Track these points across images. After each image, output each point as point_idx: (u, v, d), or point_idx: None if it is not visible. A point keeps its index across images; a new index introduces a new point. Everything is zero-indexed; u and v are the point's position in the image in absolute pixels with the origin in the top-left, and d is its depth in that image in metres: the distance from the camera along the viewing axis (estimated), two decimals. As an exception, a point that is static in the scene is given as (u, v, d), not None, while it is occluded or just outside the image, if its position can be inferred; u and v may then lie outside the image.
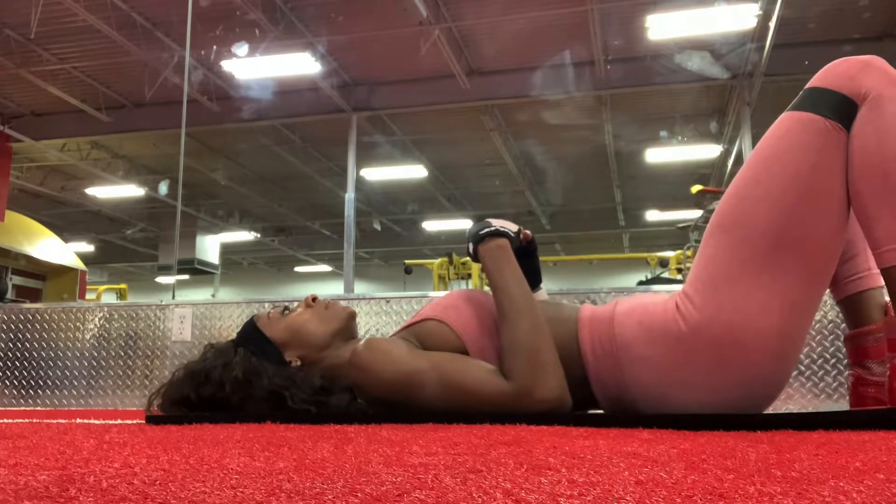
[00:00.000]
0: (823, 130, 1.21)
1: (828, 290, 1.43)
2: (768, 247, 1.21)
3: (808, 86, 1.27)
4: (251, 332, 1.47)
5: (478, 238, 1.42)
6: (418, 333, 1.40)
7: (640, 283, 8.58)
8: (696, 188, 7.88)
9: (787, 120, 1.26)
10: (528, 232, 1.48)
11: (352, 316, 1.50)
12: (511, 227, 1.45)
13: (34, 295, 9.92)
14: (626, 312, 1.33)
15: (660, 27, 7.28)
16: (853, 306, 1.40)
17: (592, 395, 1.35)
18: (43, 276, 10.34)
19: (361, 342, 1.40)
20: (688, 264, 8.54)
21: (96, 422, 1.59)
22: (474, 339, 1.37)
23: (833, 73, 1.25)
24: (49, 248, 10.15)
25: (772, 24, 6.89)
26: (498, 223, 1.44)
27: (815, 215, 1.21)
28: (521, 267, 1.40)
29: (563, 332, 1.34)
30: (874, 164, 1.18)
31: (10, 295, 8.97)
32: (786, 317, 1.22)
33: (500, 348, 1.34)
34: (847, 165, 1.21)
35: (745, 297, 1.21)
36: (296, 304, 1.54)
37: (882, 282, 1.25)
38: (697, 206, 10.21)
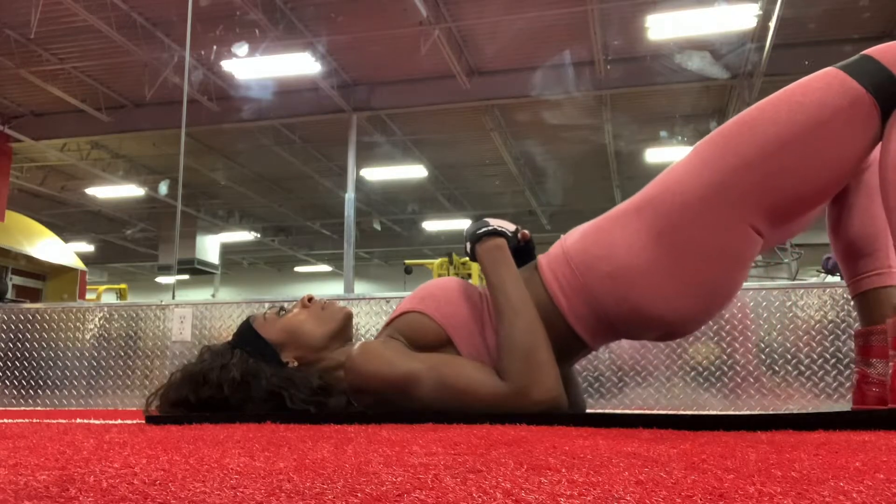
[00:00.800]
0: (859, 102, 1.21)
1: (823, 292, 1.44)
2: (744, 175, 1.24)
3: (866, 52, 1.25)
4: (248, 334, 1.47)
5: (475, 237, 1.42)
6: (400, 328, 1.40)
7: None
8: None
9: (830, 76, 1.24)
10: (525, 231, 1.48)
11: (348, 316, 1.50)
12: (509, 226, 1.45)
13: (34, 295, 9.92)
14: (576, 240, 1.37)
15: (660, 27, 7.29)
16: (868, 303, 1.39)
17: (577, 336, 1.37)
18: (43, 276, 10.34)
19: (356, 346, 1.40)
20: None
21: (96, 422, 1.59)
22: (455, 325, 1.37)
23: (893, 51, 1.23)
24: (49, 248, 10.15)
25: (772, 24, 6.90)
26: (496, 223, 1.44)
27: (801, 170, 1.22)
28: (519, 266, 1.40)
29: (533, 288, 1.36)
30: None
31: (10, 295, 8.97)
32: (740, 233, 1.25)
33: (483, 332, 1.36)
34: (882, 152, 1.21)
35: (713, 209, 1.25)
36: (292, 304, 1.54)
37: None
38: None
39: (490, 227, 1.43)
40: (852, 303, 1.49)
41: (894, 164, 1.18)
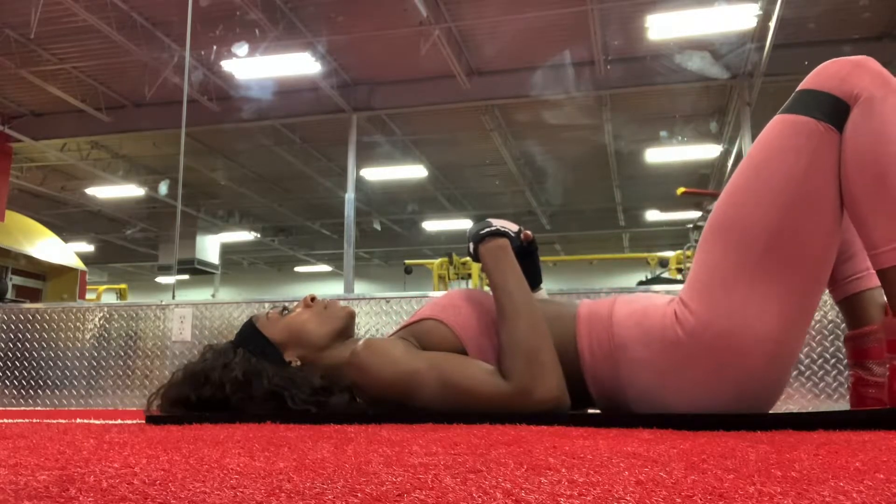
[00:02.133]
0: (816, 132, 1.21)
1: (827, 290, 1.44)
2: (762, 251, 1.21)
3: (799, 88, 1.27)
4: (250, 333, 1.47)
5: (478, 238, 1.42)
6: (417, 333, 1.40)
7: (640, 283, 8.57)
8: (680, 190, 7.91)
9: (778, 123, 1.26)
10: (528, 232, 1.48)
11: (351, 316, 1.50)
12: (511, 226, 1.45)
13: (34, 295, 9.91)
14: (625, 314, 1.33)
15: (660, 27, 7.28)
16: (853, 307, 1.40)
17: (588, 394, 1.35)
18: (43, 276, 10.34)
19: (360, 342, 1.40)
20: (687, 264, 8.55)
21: (96, 422, 1.59)
22: (473, 339, 1.37)
23: (824, 75, 1.24)
24: (49, 248, 10.14)
25: (772, 24, 6.89)
26: (498, 223, 1.44)
27: (809, 217, 1.21)
28: (522, 267, 1.40)
29: (562, 330, 1.34)
30: (868, 165, 1.18)
31: (10, 295, 8.97)
32: (782, 321, 1.21)
33: (498, 348, 1.35)
34: (840, 167, 1.21)
35: (741, 301, 1.21)
36: (294, 304, 1.54)
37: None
38: (697, 205, 10.22)
39: (493, 228, 1.42)
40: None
41: (853, 176, 1.19)
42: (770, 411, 1.33)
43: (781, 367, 1.26)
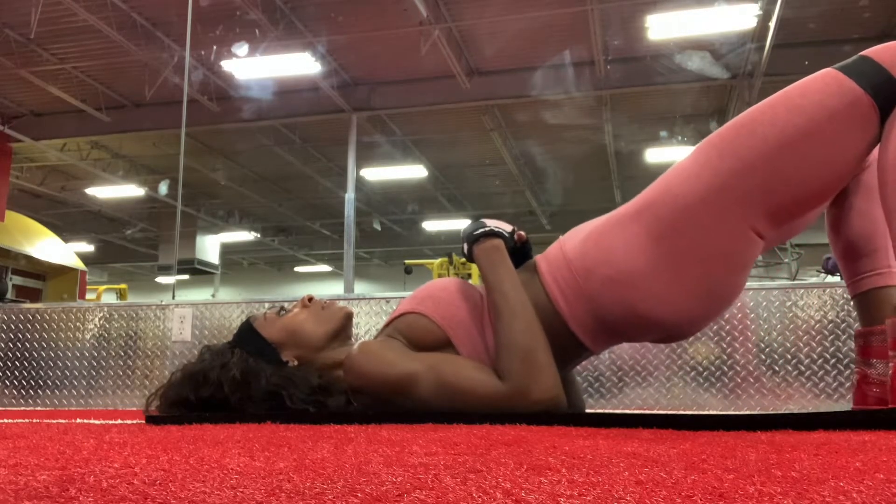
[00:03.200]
0: (857, 103, 1.20)
1: (823, 292, 1.43)
2: (744, 178, 1.24)
3: (864, 53, 1.25)
4: (248, 333, 1.47)
5: (473, 238, 1.43)
6: (401, 328, 1.40)
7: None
8: None
9: (829, 77, 1.24)
10: (522, 233, 1.48)
11: (348, 316, 1.50)
12: (505, 227, 1.46)
13: (34, 295, 9.91)
14: (576, 244, 1.36)
15: (660, 27, 7.28)
16: (867, 303, 1.39)
17: (578, 340, 1.37)
18: (43, 276, 10.34)
19: (355, 346, 1.40)
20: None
21: (96, 422, 1.59)
22: (455, 326, 1.37)
23: (891, 52, 1.22)
24: (49, 248, 10.15)
25: (772, 24, 6.90)
26: (492, 223, 1.44)
27: (801, 172, 1.22)
28: (516, 267, 1.40)
29: (532, 292, 1.36)
30: None
31: (10, 295, 8.97)
32: (740, 236, 1.25)
33: (483, 332, 1.36)
34: (880, 153, 1.21)
35: (714, 212, 1.24)
36: (292, 304, 1.54)
37: None
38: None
39: (487, 228, 1.43)
40: (852, 303, 1.49)
41: (893, 164, 1.18)
42: (770, 411, 1.33)
43: (741, 260, 1.29)
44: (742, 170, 1.24)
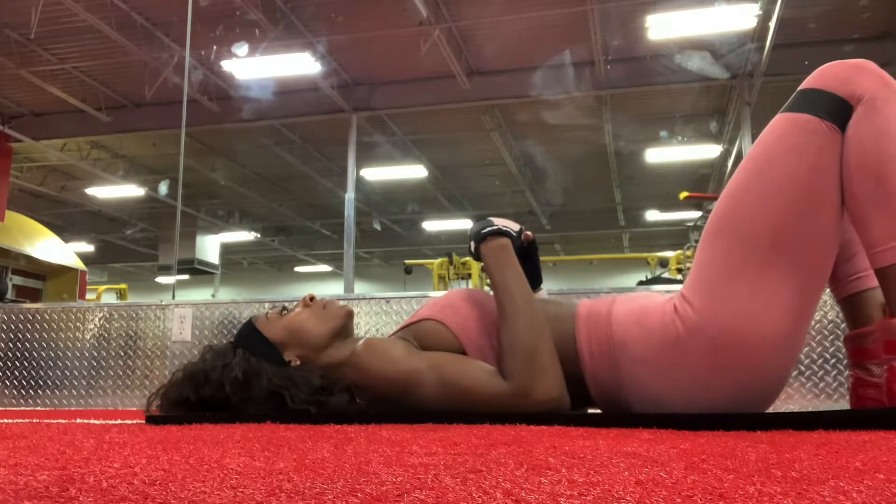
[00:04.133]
0: (819, 131, 1.22)
1: (828, 290, 1.44)
2: (764, 250, 1.22)
3: (801, 87, 1.27)
4: (250, 333, 1.47)
5: (480, 237, 1.42)
6: (416, 333, 1.40)
7: (640, 283, 8.58)
8: (683, 194, 7.91)
9: (781, 121, 1.26)
10: (529, 233, 1.48)
11: (349, 315, 1.50)
12: (513, 226, 1.45)
13: (34, 295, 9.91)
14: (624, 312, 1.33)
15: (660, 27, 7.28)
16: (853, 306, 1.40)
17: (588, 393, 1.36)
18: (43, 276, 10.33)
19: (360, 342, 1.40)
20: (688, 264, 8.55)
21: (96, 422, 1.59)
22: (472, 339, 1.37)
23: (827, 75, 1.25)
24: (49, 248, 10.14)
25: (772, 24, 6.90)
26: (500, 222, 1.44)
27: (810, 216, 1.22)
28: (522, 267, 1.40)
29: (561, 330, 1.35)
30: (870, 165, 1.18)
31: (10, 295, 8.97)
32: (783, 319, 1.22)
33: (498, 348, 1.34)
34: (842, 167, 1.22)
35: (742, 299, 1.21)
36: (294, 303, 1.54)
37: None
38: (697, 206, 10.21)
39: (495, 227, 1.42)
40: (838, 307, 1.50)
41: (855, 176, 1.19)
42: (770, 411, 1.33)
43: (782, 365, 1.26)
44: (751, 241, 1.22)
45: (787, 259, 1.21)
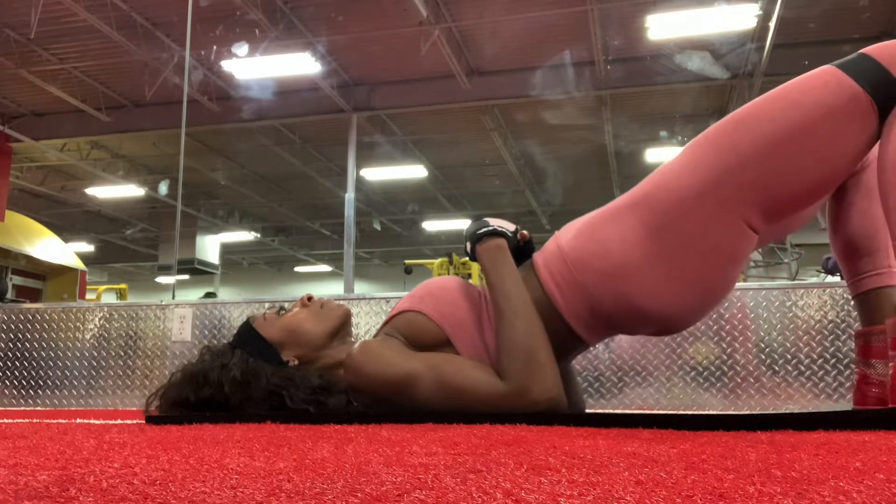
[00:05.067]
0: (856, 101, 1.20)
1: (823, 292, 1.43)
2: (739, 172, 1.23)
3: (865, 50, 1.24)
4: (248, 334, 1.47)
5: (476, 237, 1.43)
6: (399, 327, 1.41)
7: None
8: None
9: (828, 74, 1.24)
10: (525, 232, 1.48)
11: (347, 314, 1.50)
12: (509, 226, 1.45)
13: (34, 295, 9.92)
14: (571, 237, 1.37)
15: (660, 27, 7.29)
16: (868, 303, 1.39)
17: (574, 333, 1.37)
18: (43, 276, 10.34)
19: (356, 345, 1.40)
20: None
21: (96, 422, 1.59)
22: (454, 325, 1.37)
23: (891, 50, 1.22)
24: (49, 248, 10.15)
25: (772, 24, 6.90)
26: (496, 222, 1.44)
27: (797, 168, 1.22)
28: (519, 267, 1.40)
29: (529, 286, 1.36)
30: None
31: (10, 295, 8.97)
32: (735, 230, 1.25)
33: (483, 331, 1.36)
34: (880, 152, 1.21)
35: (709, 206, 1.24)
36: (291, 304, 1.54)
37: None
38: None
39: (490, 227, 1.43)
40: (852, 303, 1.49)
41: (893, 164, 1.17)
42: (770, 411, 1.33)
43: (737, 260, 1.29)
44: (737, 164, 1.24)
45: (754, 184, 1.23)
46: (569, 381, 1.49)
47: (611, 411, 2.04)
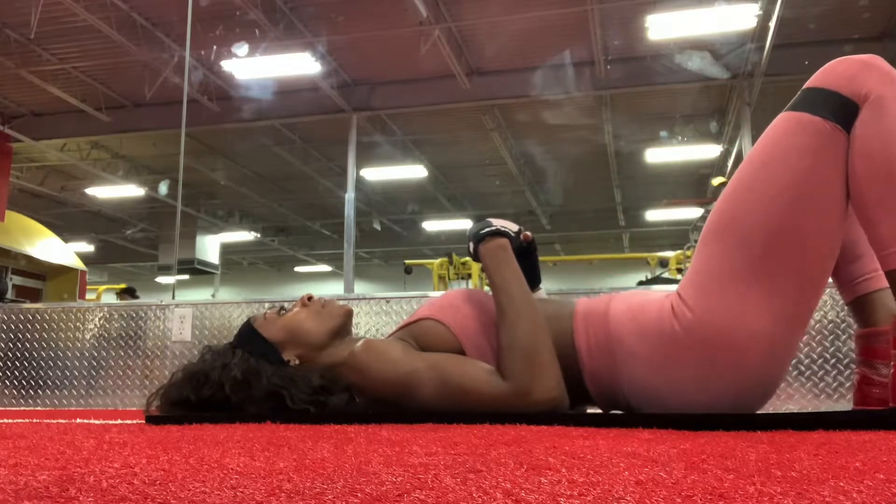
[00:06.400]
0: (822, 132, 1.20)
1: (828, 290, 1.43)
2: (763, 249, 1.21)
3: (806, 86, 1.25)
4: (248, 333, 1.47)
5: (479, 237, 1.42)
6: (415, 333, 1.40)
7: (640, 283, 8.57)
8: (717, 181, 7.85)
9: (784, 121, 1.25)
10: (528, 233, 1.48)
11: (348, 314, 1.50)
12: (511, 226, 1.45)
13: (34, 295, 9.92)
14: (621, 309, 1.33)
15: (660, 27, 7.29)
16: (862, 308, 1.39)
17: (586, 392, 1.36)
18: (43, 276, 10.34)
19: (359, 343, 1.40)
20: (687, 264, 8.54)
21: (96, 422, 1.59)
22: (471, 339, 1.37)
23: (832, 73, 1.23)
24: (49, 248, 10.15)
25: (772, 24, 6.90)
26: (498, 223, 1.44)
27: (811, 218, 1.21)
28: (521, 267, 1.40)
29: (559, 328, 1.35)
30: (877, 166, 1.16)
31: (10, 295, 8.97)
32: (778, 320, 1.21)
33: (497, 348, 1.35)
34: (848, 168, 1.20)
35: (738, 299, 1.21)
36: (292, 303, 1.54)
37: None
38: (700, 204, 10.21)
39: (493, 228, 1.42)
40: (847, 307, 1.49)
41: (862, 177, 1.18)
42: (770, 411, 1.33)
43: (775, 366, 1.26)
44: (749, 241, 1.21)
45: (784, 260, 1.21)
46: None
47: (611, 411, 2.04)
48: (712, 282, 1.24)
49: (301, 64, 8.04)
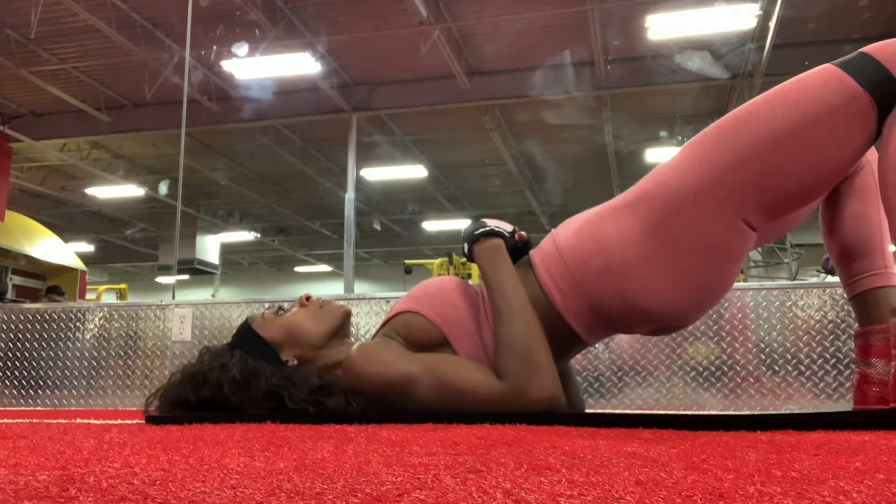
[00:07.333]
0: (855, 100, 1.20)
1: (823, 292, 1.44)
2: (738, 171, 1.24)
3: (864, 49, 1.24)
4: (247, 334, 1.47)
5: (473, 238, 1.43)
6: (397, 327, 1.41)
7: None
8: None
9: (827, 73, 1.24)
10: (523, 233, 1.48)
11: (346, 314, 1.50)
12: (506, 227, 1.46)
13: (34, 295, 9.91)
14: (570, 235, 1.38)
15: (660, 27, 7.29)
16: (865, 304, 1.39)
17: (573, 332, 1.37)
18: (43, 276, 10.34)
19: (354, 347, 1.40)
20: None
21: (96, 422, 1.59)
22: (451, 325, 1.37)
23: (892, 49, 1.21)
24: (49, 248, 10.15)
25: (772, 24, 6.90)
26: (493, 223, 1.45)
27: (795, 167, 1.22)
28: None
29: (528, 285, 1.36)
30: None
31: (10, 295, 8.97)
32: (733, 228, 1.25)
33: (481, 331, 1.36)
34: (881, 152, 1.21)
35: (708, 204, 1.25)
36: (290, 304, 1.54)
37: (895, 281, 1.25)
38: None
39: (487, 228, 1.43)
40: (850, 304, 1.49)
41: (894, 163, 1.17)
42: (770, 411, 1.33)
43: (736, 261, 1.30)
44: (736, 163, 1.24)
45: (753, 182, 1.24)
46: (568, 380, 1.49)
47: (611, 411, 2.04)
48: (686, 189, 1.28)
49: (301, 64, 8.05)
